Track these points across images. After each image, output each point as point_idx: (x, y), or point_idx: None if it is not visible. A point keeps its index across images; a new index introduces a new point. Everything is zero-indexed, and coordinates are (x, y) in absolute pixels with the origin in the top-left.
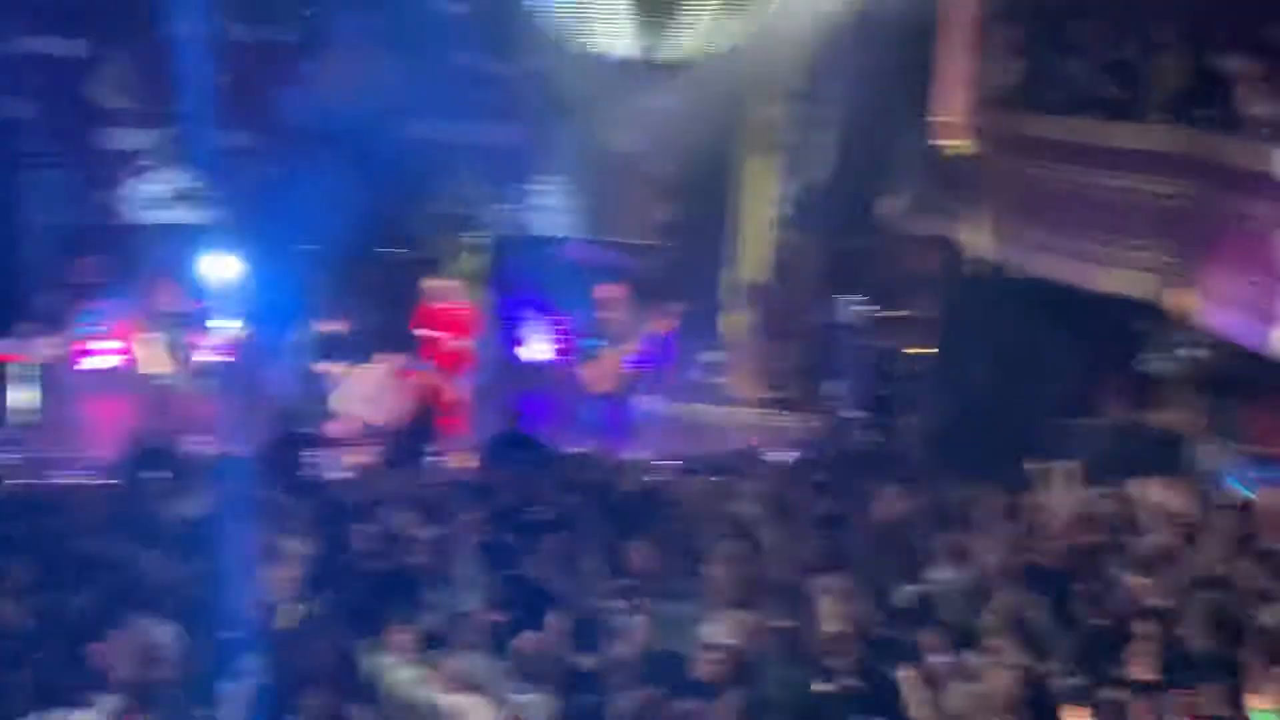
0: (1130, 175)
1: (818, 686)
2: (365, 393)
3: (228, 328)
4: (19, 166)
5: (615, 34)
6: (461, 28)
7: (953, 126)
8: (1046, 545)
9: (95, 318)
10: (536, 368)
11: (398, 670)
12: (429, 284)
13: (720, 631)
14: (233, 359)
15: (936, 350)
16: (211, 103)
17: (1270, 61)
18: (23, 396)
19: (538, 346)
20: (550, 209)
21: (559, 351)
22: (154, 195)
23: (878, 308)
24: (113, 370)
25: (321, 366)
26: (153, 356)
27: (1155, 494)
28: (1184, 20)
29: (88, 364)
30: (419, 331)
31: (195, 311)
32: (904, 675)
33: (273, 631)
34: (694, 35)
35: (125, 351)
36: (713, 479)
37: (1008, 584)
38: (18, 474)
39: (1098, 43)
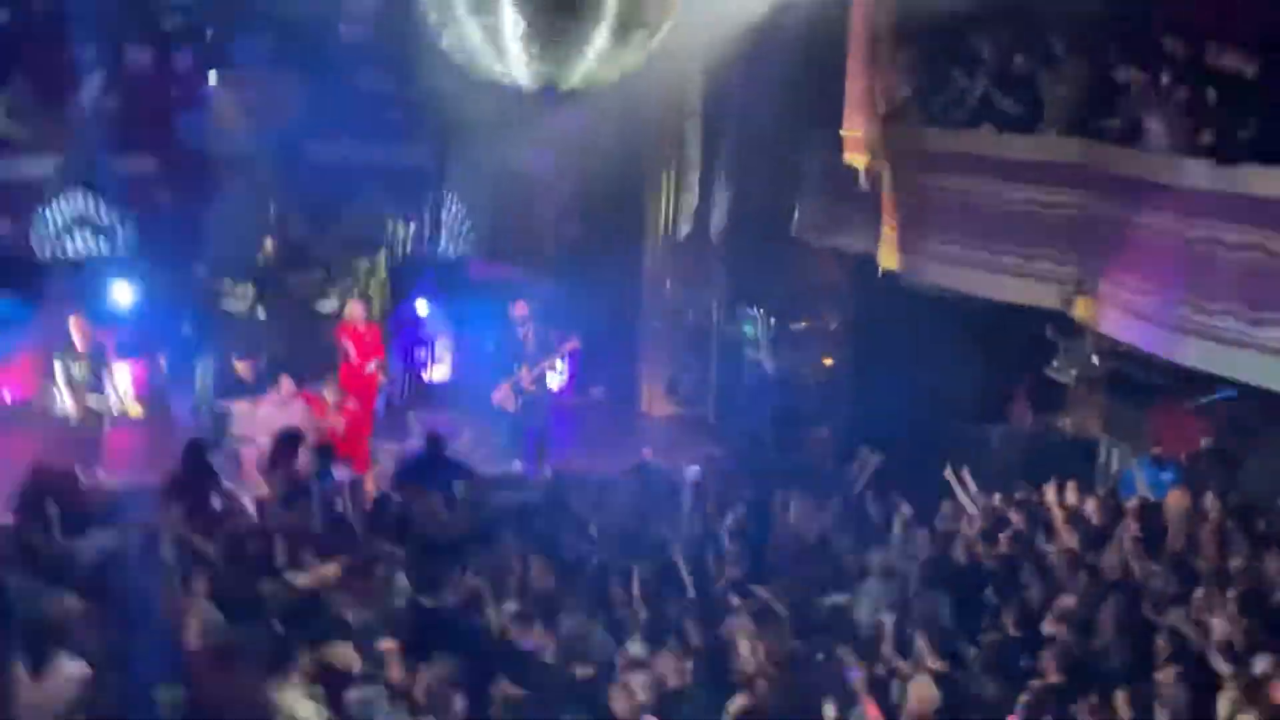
0: (1031, 187)
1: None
2: (262, 420)
3: (134, 360)
4: None
5: (510, 64)
6: (362, 51)
7: (858, 141)
8: (960, 552)
9: None
10: (445, 388)
11: (303, 705)
12: (343, 306)
13: (638, 654)
14: (141, 392)
15: (846, 362)
16: (111, 129)
17: (1164, 72)
18: None
19: (445, 367)
20: (455, 229)
21: (468, 371)
22: (56, 225)
23: (787, 320)
24: (14, 405)
25: (227, 404)
26: (57, 390)
27: (1066, 498)
28: (1080, 33)
29: None
30: (341, 351)
31: (100, 344)
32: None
33: (181, 666)
34: (590, 64)
35: (28, 385)
36: (626, 495)
37: (923, 592)
38: None
39: (995, 56)
